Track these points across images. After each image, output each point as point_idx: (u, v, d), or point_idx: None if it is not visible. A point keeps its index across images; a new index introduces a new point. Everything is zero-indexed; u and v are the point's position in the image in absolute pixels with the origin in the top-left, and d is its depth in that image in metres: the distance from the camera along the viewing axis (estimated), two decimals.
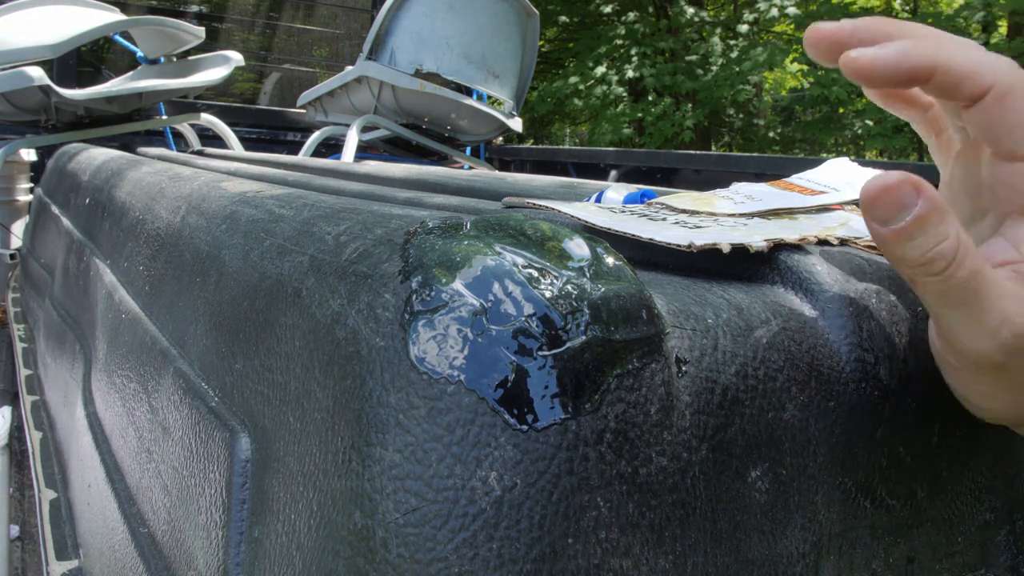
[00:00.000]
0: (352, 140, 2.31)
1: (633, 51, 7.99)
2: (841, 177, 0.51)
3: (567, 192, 0.88)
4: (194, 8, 3.52)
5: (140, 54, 2.35)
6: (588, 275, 0.30)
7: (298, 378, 0.36)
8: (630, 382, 0.29)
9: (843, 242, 0.41)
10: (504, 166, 3.14)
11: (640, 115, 7.94)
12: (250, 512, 0.40)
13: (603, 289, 0.30)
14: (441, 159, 2.79)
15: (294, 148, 2.83)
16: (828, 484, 0.35)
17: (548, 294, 0.29)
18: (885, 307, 0.38)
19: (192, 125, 2.38)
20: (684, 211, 0.47)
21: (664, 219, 0.44)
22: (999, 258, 0.34)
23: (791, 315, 0.36)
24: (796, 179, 0.52)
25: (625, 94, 8.49)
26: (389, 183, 1.01)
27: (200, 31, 2.15)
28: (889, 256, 0.32)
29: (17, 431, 1.33)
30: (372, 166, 1.42)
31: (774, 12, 8.09)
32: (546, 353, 0.28)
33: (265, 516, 0.38)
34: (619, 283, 0.31)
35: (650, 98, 8.03)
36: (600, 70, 7.98)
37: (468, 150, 2.99)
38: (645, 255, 0.43)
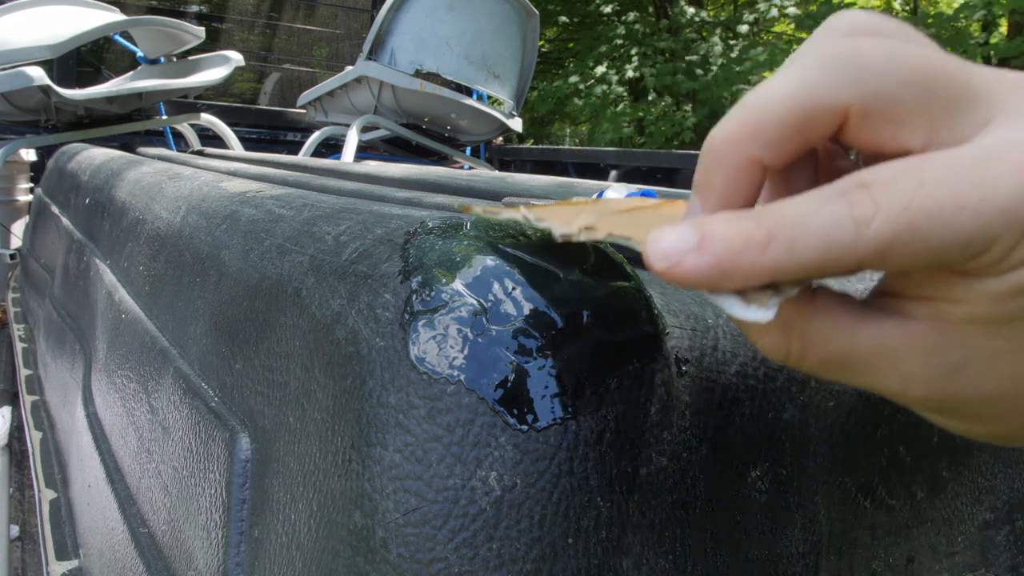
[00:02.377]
0: (352, 140, 2.31)
1: (633, 51, 7.99)
2: None
3: (566, 192, 0.88)
4: (194, 8, 3.52)
5: (140, 54, 2.35)
6: (588, 275, 0.30)
7: (298, 378, 0.36)
8: (630, 382, 0.29)
9: None
10: (504, 166, 3.14)
11: (640, 115, 7.94)
12: (250, 512, 0.40)
13: (603, 289, 0.30)
14: (441, 159, 2.79)
15: (294, 148, 2.83)
16: (828, 484, 0.35)
17: (548, 294, 0.29)
18: None
19: (192, 125, 2.38)
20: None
21: None
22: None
23: None
24: None
25: (625, 94, 8.49)
26: (389, 183, 1.01)
27: (200, 31, 2.15)
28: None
29: (17, 431, 1.33)
30: (372, 166, 1.42)
31: (774, 12, 8.10)
32: (546, 353, 0.28)
33: (265, 516, 0.38)
34: (619, 283, 0.31)
35: (650, 98, 8.03)
36: (600, 70, 7.98)
37: (468, 150, 2.99)
38: None
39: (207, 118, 2.29)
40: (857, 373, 0.23)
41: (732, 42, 8.19)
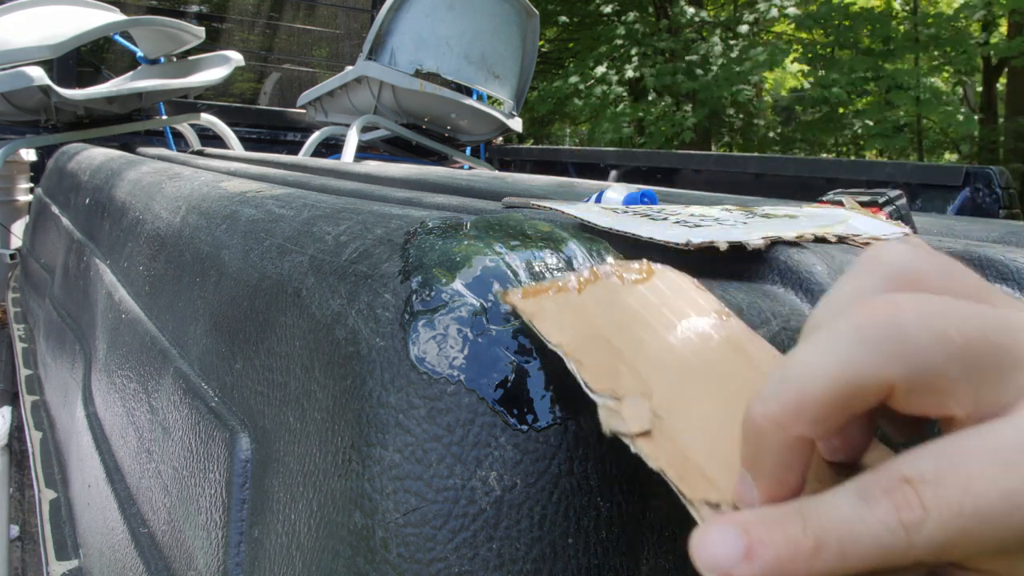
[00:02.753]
0: (352, 140, 2.30)
1: (633, 51, 8.00)
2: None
3: (566, 192, 0.88)
4: (194, 8, 3.52)
5: (140, 54, 2.35)
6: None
7: (298, 378, 0.36)
8: None
9: (841, 239, 0.41)
10: (504, 166, 3.14)
11: (640, 115, 7.95)
12: (250, 512, 0.40)
13: None
14: (441, 159, 2.79)
15: (294, 148, 2.83)
16: None
17: None
18: None
19: (192, 125, 2.38)
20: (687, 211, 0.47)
21: (665, 219, 0.44)
22: None
23: (791, 315, 0.36)
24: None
25: (625, 94, 8.50)
26: (389, 183, 1.01)
27: (200, 31, 2.15)
28: None
29: (17, 431, 1.33)
30: (372, 166, 1.42)
31: (774, 12, 8.10)
32: (546, 353, 0.28)
33: (265, 516, 0.38)
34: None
35: (650, 98, 8.03)
36: (600, 70, 7.98)
37: (468, 150, 2.99)
38: (645, 255, 0.43)
39: (207, 118, 2.29)
40: None
41: (732, 42, 8.19)
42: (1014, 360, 0.21)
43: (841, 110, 8.00)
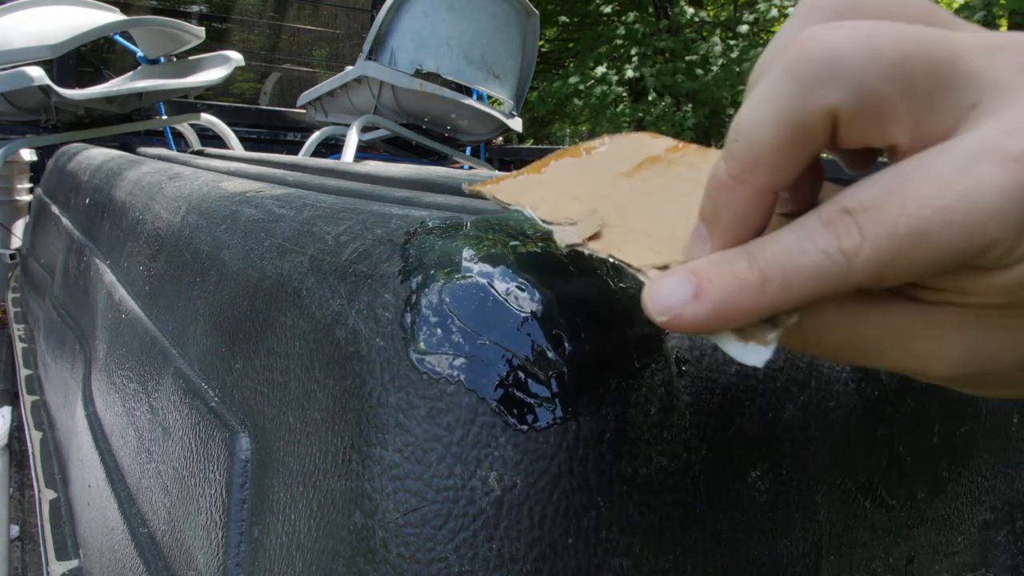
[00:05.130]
0: (352, 140, 2.30)
1: (633, 51, 8.00)
2: None
3: None
4: (195, 8, 3.52)
5: (140, 54, 2.35)
6: (588, 274, 0.30)
7: (298, 378, 0.36)
8: (630, 382, 0.29)
9: None
10: (504, 166, 3.14)
11: (640, 115, 7.95)
12: (250, 512, 0.40)
13: (603, 288, 0.30)
14: (441, 159, 2.79)
15: (294, 148, 2.83)
16: (828, 484, 0.35)
17: (548, 294, 0.29)
18: None
19: (192, 125, 2.37)
20: None
21: None
22: None
23: None
24: None
25: (625, 94, 8.50)
26: (389, 183, 1.01)
27: (200, 31, 2.15)
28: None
29: (17, 431, 1.33)
30: (372, 166, 1.42)
31: (774, 12, 8.10)
32: (546, 353, 0.28)
33: (265, 516, 0.38)
34: (619, 282, 0.31)
35: (650, 98, 8.03)
36: (600, 70, 7.99)
37: (468, 150, 2.98)
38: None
39: (207, 118, 2.29)
40: (874, 356, 0.23)
41: (732, 42, 8.19)
42: (952, 78, 0.20)
43: None
